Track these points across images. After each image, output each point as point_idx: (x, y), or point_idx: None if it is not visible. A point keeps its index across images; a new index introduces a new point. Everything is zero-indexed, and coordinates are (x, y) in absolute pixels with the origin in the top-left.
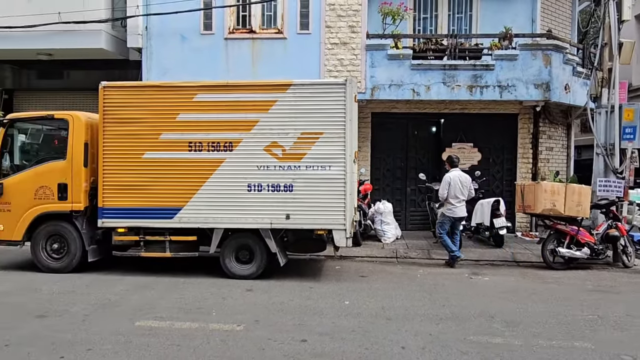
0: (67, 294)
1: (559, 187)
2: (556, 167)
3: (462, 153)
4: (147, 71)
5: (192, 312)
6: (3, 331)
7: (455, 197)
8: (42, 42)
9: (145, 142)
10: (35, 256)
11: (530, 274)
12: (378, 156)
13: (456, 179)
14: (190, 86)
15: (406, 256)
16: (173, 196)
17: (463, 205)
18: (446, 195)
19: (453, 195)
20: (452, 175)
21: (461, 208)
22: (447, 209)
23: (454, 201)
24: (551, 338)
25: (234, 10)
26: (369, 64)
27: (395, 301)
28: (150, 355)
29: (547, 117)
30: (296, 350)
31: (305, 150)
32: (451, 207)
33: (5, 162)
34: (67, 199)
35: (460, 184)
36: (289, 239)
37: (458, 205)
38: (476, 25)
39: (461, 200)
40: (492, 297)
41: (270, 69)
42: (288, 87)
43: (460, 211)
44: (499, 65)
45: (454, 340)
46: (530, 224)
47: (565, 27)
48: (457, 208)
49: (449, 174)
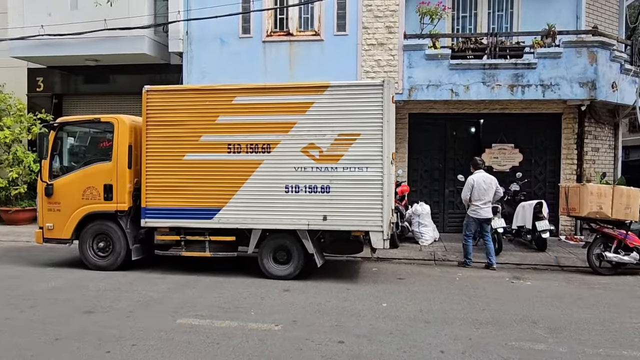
0: (113, 291)
1: (606, 189)
2: (602, 168)
3: (503, 154)
4: (187, 75)
5: (231, 311)
6: (53, 326)
7: (479, 199)
8: (89, 48)
9: (185, 144)
10: (83, 254)
11: (575, 279)
12: (415, 157)
13: (480, 180)
14: (229, 89)
15: (444, 259)
16: (212, 197)
17: (488, 207)
18: (468, 197)
19: (477, 197)
20: (475, 178)
21: (486, 210)
22: (472, 211)
23: (478, 203)
24: (597, 346)
25: (272, 13)
26: (406, 64)
27: (434, 304)
28: (192, 353)
29: (593, 116)
30: (333, 351)
31: (342, 151)
32: (475, 209)
33: (55, 164)
34: (112, 199)
35: (484, 185)
36: (326, 240)
37: (483, 207)
38: (517, 23)
39: (486, 201)
40: (535, 302)
41: (308, 71)
42: (325, 88)
43: (486, 212)
44: (542, 63)
45: (494, 346)
46: (574, 227)
47: (612, 23)
48: (482, 209)
49: (472, 176)
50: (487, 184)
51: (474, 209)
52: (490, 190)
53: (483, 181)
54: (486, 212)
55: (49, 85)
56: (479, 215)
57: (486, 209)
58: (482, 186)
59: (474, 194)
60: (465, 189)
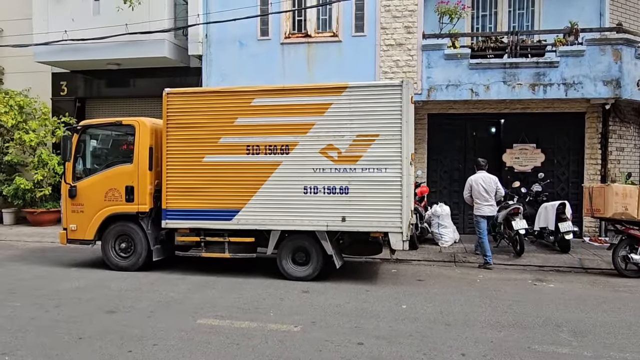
0: (134, 291)
1: (632, 189)
2: (628, 168)
3: (524, 154)
4: (206, 77)
5: (251, 311)
6: (77, 325)
7: (479, 197)
8: (111, 52)
9: (205, 146)
10: (105, 255)
11: (600, 282)
12: (435, 158)
13: (479, 180)
14: (248, 91)
15: (465, 260)
16: (232, 198)
17: (492, 205)
18: (467, 196)
19: (477, 195)
20: (474, 178)
21: (489, 207)
22: (476, 209)
23: (479, 201)
24: (623, 350)
25: (290, 15)
26: (425, 64)
27: (454, 306)
28: (212, 353)
29: (618, 115)
30: (353, 353)
31: (361, 152)
32: (478, 206)
33: (79, 166)
34: (133, 201)
35: (483, 185)
36: (345, 242)
37: (485, 205)
38: (539, 21)
39: (488, 199)
40: (558, 304)
41: (326, 72)
42: (344, 89)
43: (488, 210)
44: (564, 62)
45: (517, 349)
46: (599, 229)
47: (637, 19)
48: (484, 207)
49: (472, 176)
50: (487, 183)
51: (477, 207)
52: (490, 189)
53: (482, 181)
54: (489, 210)
55: (73, 89)
56: (483, 212)
57: (488, 206)
58: (482, 185)
59: (473, 193)
60: (465, 189)
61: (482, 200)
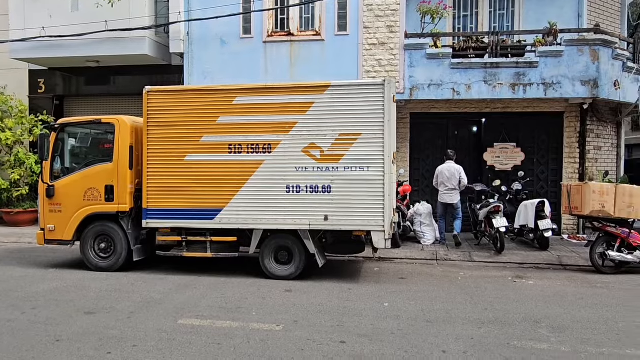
0: (114, 292)
1: (609, 187)
2: (605, 167)
3: (505, 153)
4: (188, 75)
5: (233, 311)
6: (55, 327)
7: (442, 185)
8: (90, 49)
9: (187, 145)
10: (85, 255)
11: (578, 278)
12: (417, 157)
13: (444, 170)
14: (230, 89)
15: (447, 258)
16: (214, 198)
17: (451, 193)
18: (435, 183)
19: (440, 183)
20: (440, 168)
21: (449, 195)
22: (439, 196)
23: (441, 188)
24: (601, 345)
25: (273, 13)
26: (407, 63)
27: (436, 304)
28: (193, 353)
29: (595, 115)
30: (335, 351)
31: (343, 151)
32: (440, 194)
33: (57, 165)
34: (113, 200)
35: (447, 174)
36: (328, 240)
37: (446, 192)
38: (519, 21)
39: (449, 188)
40: (538, 301)
41: (308, 70)
42: (326, 88)
43: (448, 198)
44: (543, 62)
45: (497, 345)
46: (577, 227)
47: (614, 21)
48: (445, 194)
49: (440, 166)
50: (451, 173)
51: (440, 194)
52: (453, 179)
53: (447, 170)
54: (449, 198)
55: (51, 87)
56: (442, 200)
57: (448, 194)
58: (445, 174)
59: (437, 181)
60: (434, 177)
61: (443, 187)
